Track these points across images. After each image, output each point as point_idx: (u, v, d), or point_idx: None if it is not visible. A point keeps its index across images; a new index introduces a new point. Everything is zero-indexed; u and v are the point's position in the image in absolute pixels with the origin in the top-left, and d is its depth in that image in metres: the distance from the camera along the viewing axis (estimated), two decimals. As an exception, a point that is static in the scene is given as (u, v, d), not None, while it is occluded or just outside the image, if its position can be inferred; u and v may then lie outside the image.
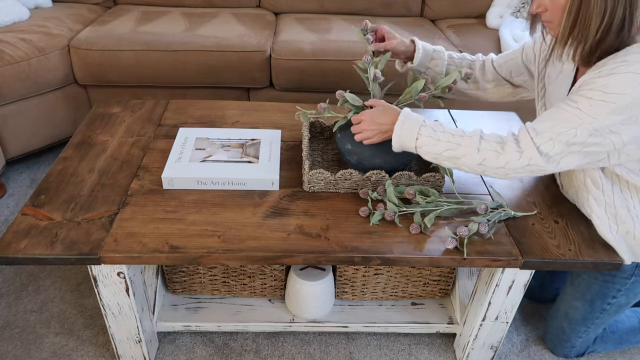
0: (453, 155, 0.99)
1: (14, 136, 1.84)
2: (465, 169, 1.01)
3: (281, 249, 1.01)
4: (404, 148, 1.05)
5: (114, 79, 1.90)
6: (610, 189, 1.04)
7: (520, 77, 1.27)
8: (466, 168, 1.01)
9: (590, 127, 0.90)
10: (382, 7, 2.34)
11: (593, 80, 0.91)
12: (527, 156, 0.94)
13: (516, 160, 0.95)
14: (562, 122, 0.92)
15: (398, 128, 1.03)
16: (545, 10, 0.94)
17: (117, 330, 1.17)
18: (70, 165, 1.21)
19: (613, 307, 1.21)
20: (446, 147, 1.00)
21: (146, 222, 1.05)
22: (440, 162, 1.03)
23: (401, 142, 1.04)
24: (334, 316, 1.32)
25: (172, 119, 1.42)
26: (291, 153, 1.29)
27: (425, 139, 1.01)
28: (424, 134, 1.01)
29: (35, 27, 1.89)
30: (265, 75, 1.94)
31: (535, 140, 0.94)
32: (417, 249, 1.02)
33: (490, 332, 1.23)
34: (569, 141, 0.92)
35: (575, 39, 0.91)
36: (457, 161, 1.00)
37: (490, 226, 1.06)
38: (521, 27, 2.12)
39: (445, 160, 1.01)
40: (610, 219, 1.06)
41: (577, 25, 0.89)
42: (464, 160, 0.99)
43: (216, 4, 2.32)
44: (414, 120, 1.02)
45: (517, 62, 1.25)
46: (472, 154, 0.98)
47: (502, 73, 1.29)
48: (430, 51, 1.26)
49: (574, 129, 0.91)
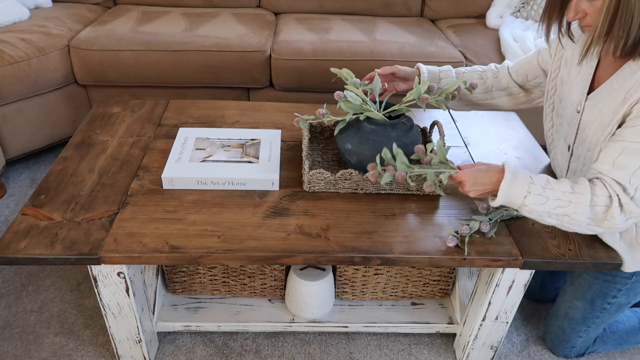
0: (563, 212, 0.94)
1: (14, 136, 1.84)
2: (570, 226, 0.96)
3: (281, 249, 1.01)
4: (507, 205, 0.99)
5: (114, 79, 1.90)
6: None
7: (536, 80, 1.26)
8: (573, 225, 0.96)
9: None
10: (382, 7, 2.34)
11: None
12: (629, 210, 0.92)
13: (618, 215, 0.92)
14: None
15: (505, 187, 0.96)
16: (585, 15, 0.93)
17: (117, 330, 1.17)
18: (70, 165, 1.21)
19: (613, 306, 1.21)
20: (556, 205, 0.95)
21: (146, 222, 1.05)
22: (544, 220, 0.97)
23: (507, 201, 0.97)
24: (334, 316, 1.32)
25: (172, 119, 1.42)
26: (291, 153, 1.29)
27: (534, 197, 0.95)
28: (533, 192, 0.95)
29: (35, 27, 1.89)
30: (265, 75, 1.94)
31: (629, 190, 0.92)
32: (417, 249, 1.02)
33: (490, 332, 1.23)
34: None
35: (616, 35, 0.89)
36: (566, 219, 0.95)
37: (492, 225, 1.06)
38: (521, 27, 2.12)
39: (552, 217, 0.96)
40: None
41: (616, 21, 0.87)
42: (574, 217, 0.94)
43: (216, 4, 2.32)
44: (523, 179, 0.96)
45: (533, 64, 1.25)
46: (584, 211, 0.93)
47: (517, 79, 1.28)
48: (437, 72, 1.26)
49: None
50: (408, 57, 1.90)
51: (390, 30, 2.13)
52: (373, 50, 1.93)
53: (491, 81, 1.30)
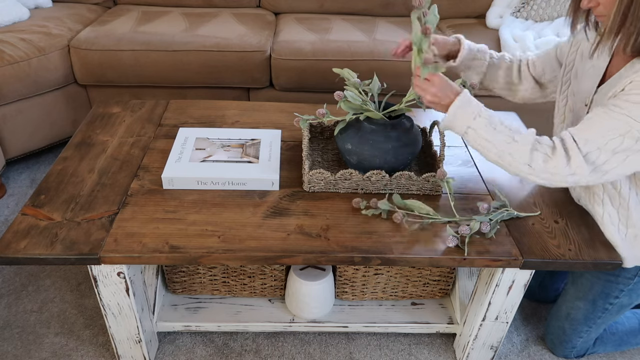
0: (505, 149, 0.96)
1: (14, 136, 1.84)
2: (507, 167, 0.97)
3: (281, 249, 1.01)
4: (452, 127, 1.00)
5: (114, 79, 1.90)
6: (627, 191, 1.03)
7: (553, 74, 1.25)
8: (511, 167, 0.97)
9: (638, 134, 0.89)
10: (382, 7, 2.33)
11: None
12: (574, 165, 0.93)
13: (563, 167, 0.93)
14: (609, 129, 0.91)
15: (458, 103, 0.98)
16: (597, 4, 0.93)
17: (117, 330, 1.17)
18: (70, 165, 1.21)
19: (615, 307, 1.21)
20: (501, 138, 0.96)
21: (146, 222, 1.05)
22: (486, 151, 0.98)
23: (454, 119, 0.99)
24: (334, 316, 1.32)
25: (172, 119, 1.42)
26: (291, 153, 1.29)
27: (482, 120, 0.97)
28: (484, 116, 0.97)
29: (35, 27, 1.89)
30: (265, 75, 1.94)
31: (582, 148, 0.92)
32: (417, 249, 1.02)
33: (490, 332, 1.23)
34: (615, 149, 0.90)
35: (627, 30, 0.89)
36: (505, 156, 0.96)
37: (492, 225, 1.06)
38: (521, 27, 2.11)
39: (492, 150, 0.97)
40: (621, 221, 1.05)
41: (629, 16, 0.87)
42: (515, 156, 0.95)
43: (216, 4, 2.32)
44: (476, 102, 0.99)
45: (551, 57, 1.24)
46: (524, 153, 0.95)
47: (534, 72, 1.27)
48: (475, 50, 1.23)
49: (621, 137, 0.90)
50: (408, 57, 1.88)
51: (390, 30, 2.12)
52: (373, 50, 1.93)
53: (515, 75, 1.28)
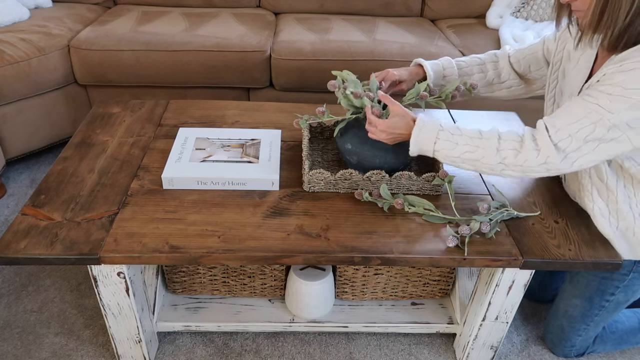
0: (472, 157, 0.99)
1: (14, 136, 1.84)
2: (485, 171, 1.01)
3: (281, 249, 1.01)
4: (421, 152, 1.05)
5: (114, 79, 1.90)
6: (614, 184, 1.04)
7: (539, 72, 1.26)
8: (486, 169, 1.00)
9: (609, 123, 0.90)
10: (382, 7, 2.34)
11: (613, 76, 0.91)
12: (545, 154, 0.94)
13: (534, 159, 0.95)
14: (581, 118, 0.92)
15: (415, 134, 1.02)
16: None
17: (117, 330, 1.17)
18: (70, 165, 1.21)
19: (612, 304, 1.21)
20: (465, 150, 0.99)
21: (146, 222, 1.05)
22: (459, 165, 1.02)
23: (419, 147, 1.03)
24: (334, 316, 1.32)
25: (172, 119, 1.42)
26: (291, 153, 1.29)
27: (443, 142, 1.00)
28: (442, 138, 1.00)
29: (35, 27, 1.89)
30: (265, 75, 1.94)
31: (553, 137, 0.94)
32: (417, 249, 1.02)
33: (490, 332, 1.23)
34: (587, 137, 0.92)
35: (604, 25, 0.90)
36: (477, 163, 1.00)
37: (492, 225, 1.06)
38: (521, 27, 2.12)
39: (465, 162, 1.01)
40: (612, 214, 1.06)
41: (606, 11, 0.88)
42: (484, 161, 0.98)
43: (216, 4, 2.32)
44: (432, 125, 1.02)
45: (537, 56, 1.25)
46: (491, 155, 0.97)
47: (519, 69, 1.28)
48: (441, 70, 1.26)
49: (592, 125, 0.91)
50: (408, 57, 1.90)
51: (390, 30, 2.13)
52: (373, 50, 1.93)
53: (492, 74, 1.29)
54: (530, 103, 1.98)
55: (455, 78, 1.27)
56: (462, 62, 1.29)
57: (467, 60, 1.30)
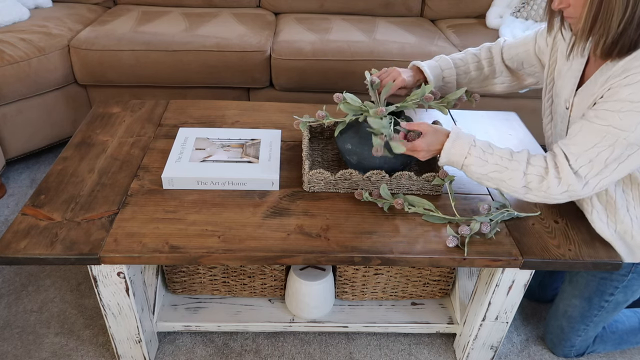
0: (499, 177, 0.99)
1: (14, 136, 1.84)
2: (507, 191, 1.01)
3: (281, 249, 1.01)
4: (450, 164, 1.05)
5: (114, 79, 1.90)
6: (613, 188, 1.04)
7: (531, 68, 1.26)
8: (509, 190, 1.00)
9: (625, 142, 0.90)
10: (382, 7, 2.34)
11: (619, 90, 0.90)
12: (566, 182, 0.95)
13: (555, 187, 0.95)
14: (597, 142, 0.92)
15: (448, 145, 1.02)
16: (567, 5, 0.93)
17: (117, 330, 1.17)
18: (70, 165, 1.21)
19: (611, 304, 1.21)
20: (493, 169, 0.99)
21: (146, 222, 1.05)
22: (483, 182, 1.03)
23: (449, 158, 1.03)
24: (334, 316, 1.32)
25: (172, 119, 1.42)
26: (291, 153, 1.29)
27: (473, 159, 1.00)
28: (473, 154, 1.00)
29: (35, 27, 1.89)
30: (265, 75, 1.94)
31: (573, 165, 0.94)
32: (417, 249, 1.02)
33: (490, 332, 1.23)
34: (607, 160, 0.92)
35: (597, 33, 0.90)
36: (502, 183, 1.00)
37: (492, 226, 1.06)
38: (521, 27, 2.11)
39: (490, 181, 1.01)
40: (609, 217, 1.06)
41: (599, 19, 0.88)
42: (510, 183, 0.99)
43: (216, 4, 2.32)
44: (465, 140, 1.02)
45: (529, 52, 1.25)
46: (518, 178, 0.98)
47: (512, 65, 1.29)
48: (440, 71, 1.26)
49: (610, 147, 0.91)
50: (408, 57, 1.90)
51: (390, 30, 2.13)
52: (373, 50, 1.93)
53: (487, 71, 1.30)
54: (530, 103, 1.98)
55: (453, 78, 1.27)
56: (459, 61, 1.29)
57: (464, 58, 1.30)
